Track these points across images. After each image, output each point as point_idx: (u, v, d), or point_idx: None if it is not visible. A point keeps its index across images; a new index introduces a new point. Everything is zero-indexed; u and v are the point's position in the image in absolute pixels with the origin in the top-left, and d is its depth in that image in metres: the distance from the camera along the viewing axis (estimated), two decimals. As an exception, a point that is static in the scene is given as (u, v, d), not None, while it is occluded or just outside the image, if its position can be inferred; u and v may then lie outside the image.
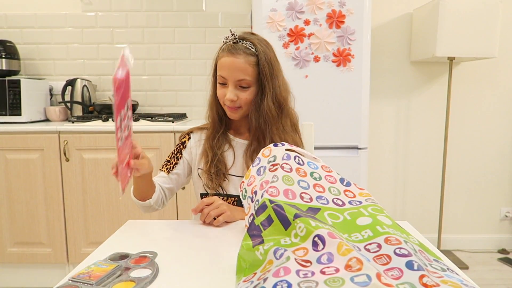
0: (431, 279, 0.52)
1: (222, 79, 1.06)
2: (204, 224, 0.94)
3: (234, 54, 1.04)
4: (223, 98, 1.07)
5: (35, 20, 2.52)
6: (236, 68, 1.04)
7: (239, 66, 1.04)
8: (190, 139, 1.18)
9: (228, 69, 1.04)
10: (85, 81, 2.43)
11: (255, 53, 1.05)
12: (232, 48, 1.05)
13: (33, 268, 2.14)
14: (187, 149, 1.17)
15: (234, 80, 1.05)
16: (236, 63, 1.04)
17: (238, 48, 1.05)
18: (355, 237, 0.65)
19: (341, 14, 1.98)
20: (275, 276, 0.51)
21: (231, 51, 1.05)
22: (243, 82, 1.05)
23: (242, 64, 1.04)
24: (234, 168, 1.13)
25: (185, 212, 2.08)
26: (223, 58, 1.05)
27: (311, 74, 2.01)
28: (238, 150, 1.14)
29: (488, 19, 2.12)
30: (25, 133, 2.03)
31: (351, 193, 0.81)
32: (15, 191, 2.06)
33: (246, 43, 1.06)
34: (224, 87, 1.07)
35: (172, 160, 1.17)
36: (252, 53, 1.05)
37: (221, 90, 1.08)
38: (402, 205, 2.67)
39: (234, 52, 1.04)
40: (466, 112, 2.58)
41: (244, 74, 1.04)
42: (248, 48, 1.05)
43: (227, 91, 1.06)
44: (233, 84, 1.05)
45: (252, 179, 0.83)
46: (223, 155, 1.12)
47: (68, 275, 0.64)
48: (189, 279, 0.64)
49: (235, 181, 1.12)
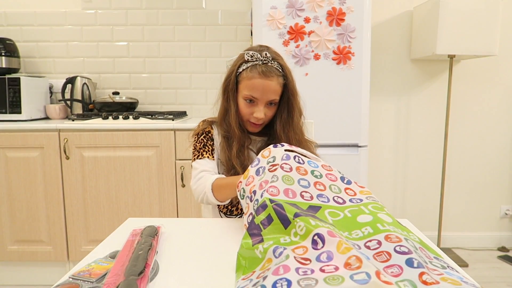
0: (431, 276, 0.52)
1: (252, 97, 1.09)
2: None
3: (269, 77, 1.07)
4: (249, 115, 1.10)
5: (35, 18, 2.51)
6: (270, 90, 1.08)
7: (273, 88, 1.08)
8: (214, 130, 1.19)
9: (262, 92, 1.07)
10: (85, 79, 2.43)
11: (284, 74, 1.10)
12: (265, 70, 1.07)
13: (33, 266, 2.14)
14: (214, 139, 1.18)
15: (266, 101, 1.09)
16: (271, 86, 1.07)
17: (271, 71, 1.08)
18: (355, 234, 0.65)
19: (341, 12, 1.97)
20: (275, 274, 0.51)
21: (265, 73, 1.07)
22: (272, 101, 1.10)
23: (275, 86, 1.08)
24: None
25: (185, 210, 2.09)
26: (254, 79, 1.07)
27: (311, 72, 2.01)
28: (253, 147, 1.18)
29: (488, 17, 2.12)
30: (25, 131, 2.03)
31: (352, 191, 0.81)
32: (15, 189, 2.06)
33: (275, 63, 1.09)
34: (251, 105, 1.10)
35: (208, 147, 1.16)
36: (281, 75, 1.10)
37: (249, 108, 1.10)
38: (402, 203, 2.67)
39: (268, 74, 1.07)
40: (466, 110, 2.58)
41: (275, 95, 1.09)
42: (278, 69, 1.09)
43: (254, 109, 1.09)
44: (263, 105, 1.09)
45: (251, 179, 0.83)
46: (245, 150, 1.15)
47: (68, 272, 0.64)
48: (189, 276, 0.64)
49: None
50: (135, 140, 2.04)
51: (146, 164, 2.05)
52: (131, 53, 2.55)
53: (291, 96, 1.11)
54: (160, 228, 0.82)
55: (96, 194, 2.07)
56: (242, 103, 1.11)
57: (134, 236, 0.76)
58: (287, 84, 1.10)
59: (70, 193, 2.07)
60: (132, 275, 0.58)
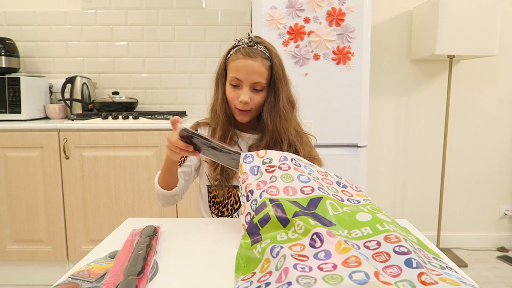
0: (430, 276, 0.52)
1: (237, 81, 1.07)
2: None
3: (252, 57, 1.05)
4: (235, 100, 1.08)
5: (34, 18, 2.51)
6: (253, 71, 1.05)
7: (257, 69, 1.06)
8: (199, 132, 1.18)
9: (245, 72, 1.05)
10: (84, 79, 2.43)
11: (270, 57, 1.08)
12: (249, 51, 1.06)
13: (33, 265, 2.14)
14: None
15: (250, 82, 1.06)
16: (254, 66, 1.05)
17: (255, 51, 1.06)
18: (354, 233, 0.65)
19: (341, 12, 1.97)
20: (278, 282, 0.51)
21: (248, 53, 1.06)
22: (258, 85, 1.07)
23: (259, 67, 1.06)
24: None
25: (185, 210, 2.09)
26: (238, 60, 1.06)
27: (311, 72, 2.01)
28: (242, 145, 1.16)
29: (488, 17, 2.12)
30: (24, 131, 2.03)
31: (349, 193, 0.81)
32: (15, 189, 2.06)
33: (261, 46, 1.08)
34: (237, 89, 1.08)
35: None
36: (267, 57, 1.08)
37: (234, 92, 1.08)
38: (401, 203, 2.67)
39: (251, 55, 1.05)
40: (465, 110, 2.58)
41: (260, 77, 1.06)
42: (263, 52, 1.08)
43: (240, 93, 1.07)
44: (248, 87, 1.07)
45: (245, 176, 0.83)
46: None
47: (68, 272, 0.64)
48: (189, 276, 0.65)
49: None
50: (134, 140, 2.04)
51: (146, 164, 2.05)
52: (131, 53, 2.55)
53: (277, 80, 1.08)
54: (159, 228, 0.82)
55: (96, 194, 2.07)
56: (229, 88, 1.09)
57: (133, 236, 0.76)
58: (273, 68, 1.08)
59: (70, 193, 2.07)
60: (132, 275, 0.58)
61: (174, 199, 1.13)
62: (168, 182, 1.09)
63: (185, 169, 1.16)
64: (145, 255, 0.66)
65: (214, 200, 1.15)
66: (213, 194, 1.14)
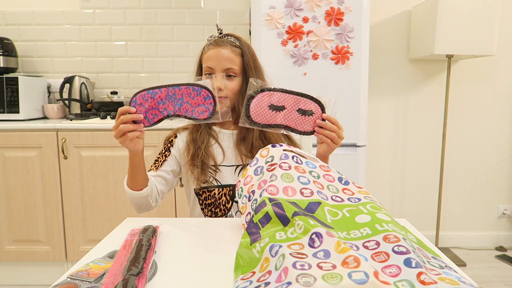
0: (429, 276, 0.52)
1: (209, 69, 1.09)
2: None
3: (221, 45, 1.10)
4: None
5: (32, 17, 2.51)
6: (223, 57, 1.08)
7: (226, 55, 1.09)
8: (177, 138, 1.18)
9: (215, 59, 1.08)
10: (83, 79, 2.43)
11: (240, 46, 1.12)
12: (219, 41, 1.11)
13: (31, 266, 2.14)
14: (175, 147, 1.17)
15: (222, 69, 1.09)
16: (223, 53, 1.09)
17: (224, 41, 1.11)
18: (353, 234, 0.65)
19: (339, 12, 1.97)
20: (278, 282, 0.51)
21: (217, 43, 1.10)
22: (230, 71, 1.09)
23: (229, 53, 1.09)
24: (226, 160, 1.14)
25: (184, 210, 2.08)
26: (209, 51, 1.10)
27: (309, 71, 2.01)
28: (225, 141, 1.16)
29: (486, 17, 2.13)
30: (23, 131, 2.03)
31: (350, 191, 0.81)
32: (13, 189, 2.06)
33: (231, 37, 1.13)
34: (210, 77, 1.08)
35: (161, 158, 1.17)
36: (237, 46, 1.12)
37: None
38: (400, 203, 2.68)
39: (220, 43, 1.10)
40: (464, 110, 2.59)
41: (231, 63, 1.09)
42: (233, 41, 1.12)
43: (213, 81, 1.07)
44: (220, 74, 1.08)
45: (249, 178, 0.83)
46: (209, 149, 1.13)
47: (66, 272, 0.64)
48: (188, 276, 0.64)
49: (228, 171, 1.13)
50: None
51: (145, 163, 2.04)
52: (129, 53, 2.55)
53: (247, 67, 1.11)
54: (158, 227, 0.82)
55: (94, 193, 2.06)
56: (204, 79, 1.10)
57: (132, 236, 0.76)
58: (244, 55, 1.11)
59: (68, 193, 2.06)
60: (131, 275, 0.58)
61: (147, 201, 1.06)
62: (135, 181, 1.03)
63: (162, 173, 1.13)
64: (144, 255, 0.66)
65: (206, 202, 1.13)
66: (204, 196, 1.13)
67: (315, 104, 0.94)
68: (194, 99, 0.89)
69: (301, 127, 0.95)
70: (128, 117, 0.90)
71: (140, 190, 1.05)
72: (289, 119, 0.94)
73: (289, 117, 0.94)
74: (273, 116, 0.94)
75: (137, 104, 0.90)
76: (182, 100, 0.89)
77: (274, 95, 0.93)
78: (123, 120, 0.90)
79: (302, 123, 0.95)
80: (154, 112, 0.91)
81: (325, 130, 0.95)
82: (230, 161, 1.14)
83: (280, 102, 0.93)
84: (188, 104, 0.89)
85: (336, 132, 0.95)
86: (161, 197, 1.13)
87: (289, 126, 0.95)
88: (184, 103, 0.89)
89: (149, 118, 0.91)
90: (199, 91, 0.88)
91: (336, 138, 0.96)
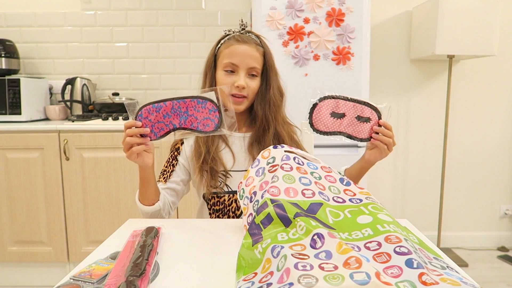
0: (430, 277, 0.52)
1: (232, 66, 1.05)
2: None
3: (246, 42, 1.06)
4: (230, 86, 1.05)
5: (34, 19, 2.51)
6: (249, 55, 1.05)
7: (251, 53, 1.06)
8: (184, 144, 1.13)
9: (241, 56, 1.05)
10: (84, 80, 2.43)
11: (262, 45, 1.09)
12: (244, 37, 1.07)
13: (33, 267, 2.14)
14: (182, 155, 1.12)
15: (247, 67, 1.06)
16: (249, 50, 1.06)
17: (249, 38, 1.08)
18: (355, 235, 0.66)
19: (340, 12, 1.97)
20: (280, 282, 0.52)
21: (243, 39, 1.06)
22: (253, 70, 1.07)
23: (254, 52, 1.06)
24: (236, 165, 1.10)
25: (186, 211, 2.09)
26: (232, 46, 1.06)
27: (310, 72, 2.02)
28: (236, 145, 1.13)
29: (487, 17, 2.12)
30: (25, 132, 2.03)
31: (351, 192, 0.81)
32: (15, 190, 2.06)
33: (252, 35, 1.10)
34: (232, 75, 1.06)
35: (168, 168, 1.12)
36: (259, 44, 1.09)
37: (229, 78, 1.06)
38: (401, 203, 2.67)
39: (246, 40, 1.06)
40: (465, 110, 2.58)
41: (255, 62, 1.07)
42: (256, 40, 1.09)
43: (235, 79, 1.05)
44: (244, 71, 1.06)
45: (251, 180, 0.83)
46: (218, 154, 1.09)
47: (69, 273, 0.64)
48: (190, 277, 0.65)
49: (238, 176, 1.09)
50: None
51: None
52: (131, 54, 2.55)
53: (269, 67, 1.09)
54: (160, 228, 0.82)
55: (96, 195, 2.07)
56: (222, 75, 1.06)
57: (134, 237, 0.76)
58: (266, 55, 1.09)
59: (70, 194, 2.07)
60: (133, 276, 0.58)
61: (160, 215, 1.04)
62: (147, 196, 1.01)
63: (172, 185, 1.10)
64: (146, 256, 0.66)
65: (214, 207, 1.10)
66: (212, 201, 1.09)
67: (372, 110, 0.94)
68: (199, 111, 0.88)
69: (359, 134, 0.96)
70: (135, 131, 0.88)
71: (152, 205, 1.02)
72: (349, 126, 0.95)
73: (349, 124, 0.95)
74: (334, 123, 0.94)
75: (143, 118, 0.89)
76: (187, 113, 0.88)
77: (336, 102, 0.93)
78: (129, 134, 0.88)
79: (360, 129, 0.95)
80: (160, 125, 0.90)
81: (382, 136, 0.95)
82: (241, 166, 1.10)
83: (341, 109, 0.94)
84: (193, 117, 0.88)
85: (391, 138, 0.96)
86: (173, 208, 1.11)
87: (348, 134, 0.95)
88: (189, 116, 0.88)
89: (155, 131, 0.90)
90: (204, 104, 0.87)
91: (391, 144, 0.96)
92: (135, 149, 0.89)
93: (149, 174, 0.97)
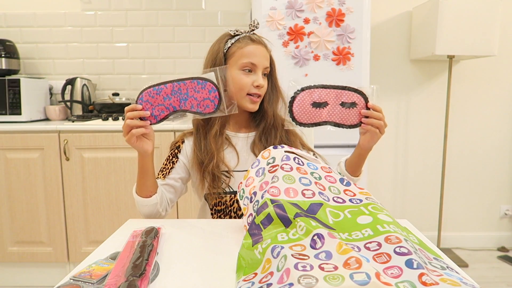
0: (430, 277, 0.52)
1: (251, 65, 1.05)
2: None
3: (261, 43, 1.08)
4: (249, 86, 1.05)
5: (34, 19, 2.51)
6: (265, 56, 1.08)
7: (266, 54, 1.08)
8: (185, 143, 1.13)
9: (259, 56, 1.06)
10: (84, 80, 2.43)
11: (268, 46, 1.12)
12: (258, 37, 1.09)
13: (33, 267, 2.14)
14: (183, 153, 1.12)
15: (264, 67, 1.07)
16: (264, 52, 1.08)
17: (262, 39, 1.10)
18: (355, 235, 0.66)
19: (340, 13, 1.97)
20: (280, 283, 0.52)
21: (258, 39, 1.08)
22: (267, 70, 1.09)
23: (267, 53, 1.09)
24: (240, 165, 1.10)
25: (186, 211, 2.09)
26: (249, 46, 1.05)
27: (310, 72, 2.02)
28: (239, 146, 1.12)
29: (487, 17, 2.12)
30: (25, 132, 2.03)
31: (351, 192, 0.81)
32: (15, 190, 2.06)
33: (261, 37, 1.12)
34: (250, 74, 1.06)
35: (168, 165, 1.11)
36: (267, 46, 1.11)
37: (248, 77, 1.05)
38: (401, 203, 2.67)
39: (260, 41, 1.08)
40: (465, 110, 2.58)
41: (268, 62, 1.09)
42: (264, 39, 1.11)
43: (254, 78, 1.05)
44: (261, 71, 1.07)
45: (251, 180, 0.83)
46: (220, 155, 1.08)
47: (69, 274, 0.64)
48: (190, 277, 0.65)
49: (241, 177, 1.07)
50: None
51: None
52: (131, 54, 2.55)
53: (274, 68, 1.12)
54: (160, 229, 0.82)
55: (96, 195, 2.07)
56: (240, 75, 1.05)
57: (134, 237, 0.76)
58: (271, 56, 1.11)
59: (70, 194, 2.07)
60: (133, 276, 0.59)
61: (157, 209, 1.03)
62: (144, 187, 1.01)
63: (170, 182, 1.09)
64: (146, 256, 0.66)
65: (216, 208, 1.09)
66: (214, 202, 1.08)
67: (357, 95, 0.93)
68: (199, 92, 0.89)
69: (347, 120, 0.94)
70: (135, 113, 0.89)
71: (149, 197, 1.02)
72: (334, 114, 0.93)
73: (334, 112, 0.93)
74: (317, 113, 0.93)
75: (144, 101, 0.90)
76: (187, 94, 0.89)
77: (315, 92, 0.92)
78: (129, 117, 0.90)
79: (347, 116, 0.94)
80: (160, 108, 0.91)
81: (372, 120, 0.93)
82: (244, 166, 1.09)
83: (322, 98, 0.93)
84: (193, 98, 0.89)
85: (382, 120, 0.94)
86: (170, 205, 1.10)
87: (335, 122, 0.94)
88: (190, 97, 0.89)
89: (156, 114, 0.91)
90: (204, 84, 0.88)
91: (383, 126, 0.94)
92: (134, 131, 0.90)
93: (148, 162, 0.98)
